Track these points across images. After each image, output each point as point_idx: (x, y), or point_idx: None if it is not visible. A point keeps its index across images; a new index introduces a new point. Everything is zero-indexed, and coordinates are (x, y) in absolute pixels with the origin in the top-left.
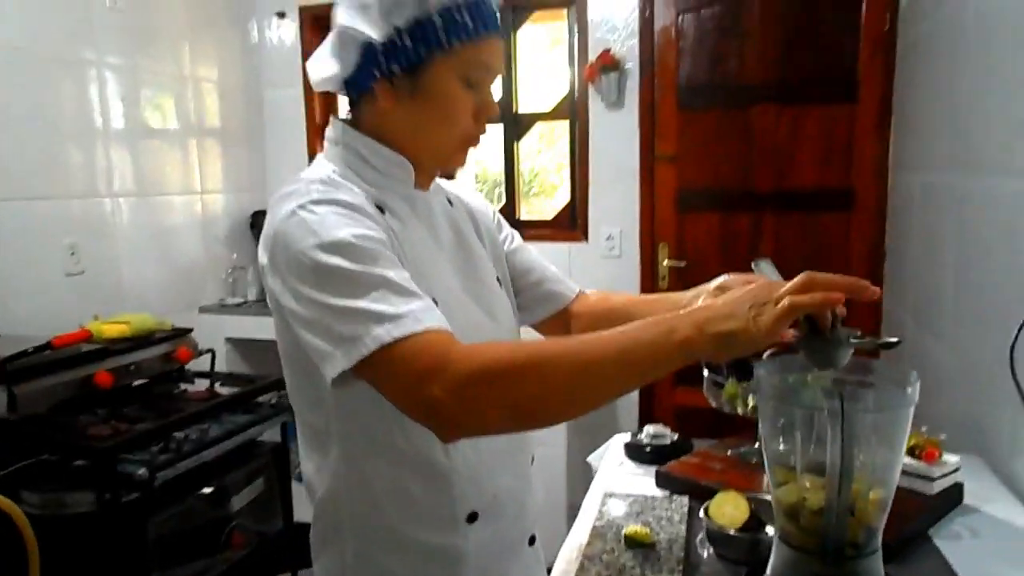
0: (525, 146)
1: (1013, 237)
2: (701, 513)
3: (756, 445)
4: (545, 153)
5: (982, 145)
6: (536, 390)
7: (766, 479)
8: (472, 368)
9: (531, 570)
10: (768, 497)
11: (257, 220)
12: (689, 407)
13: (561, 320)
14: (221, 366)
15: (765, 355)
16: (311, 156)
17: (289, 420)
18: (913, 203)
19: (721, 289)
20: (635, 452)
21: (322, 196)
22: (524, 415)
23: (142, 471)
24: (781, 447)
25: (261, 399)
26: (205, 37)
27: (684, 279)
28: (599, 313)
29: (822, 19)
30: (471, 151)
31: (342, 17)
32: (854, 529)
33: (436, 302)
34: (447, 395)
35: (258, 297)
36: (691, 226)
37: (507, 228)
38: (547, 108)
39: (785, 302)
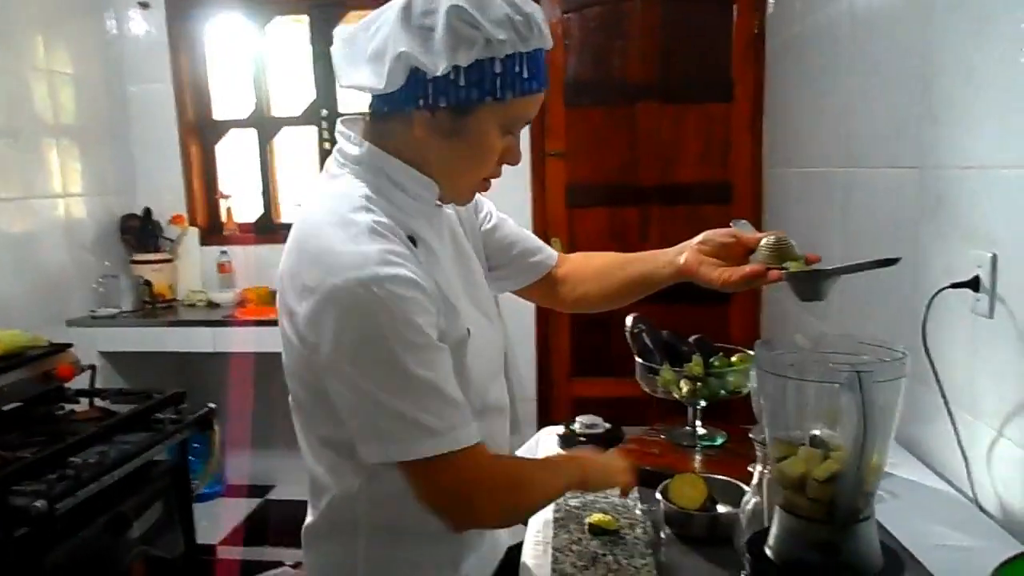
0: None
1: (897, 220)
2: (658, 496)
3: (686, 428)
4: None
5: (865, 140)
6: (522, 515)
7: (698, 459)
8: (490, 511)
9: (503, 537)
10: (722, 478)
11: (127, 224)
12: (586, 397)
13: (546, 286)
14: (97, 383)
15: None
16: (185, 156)
17: (189, 436)
18: (791, 194)
19: (704, 243)
20: (570, 442)
21: (384, 272)
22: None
23: (40, 503)
24: (783, 422)
25: (160, 416)
26: (60, 28)
27: None
28: (584, 275)
29: (698, 22)
30: (488, 186)
31: (399, 38)
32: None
33: (469, 332)
34: (488, 523)
35: (135, 307)
36: (581, 220)
37: (486, 205)
38: None
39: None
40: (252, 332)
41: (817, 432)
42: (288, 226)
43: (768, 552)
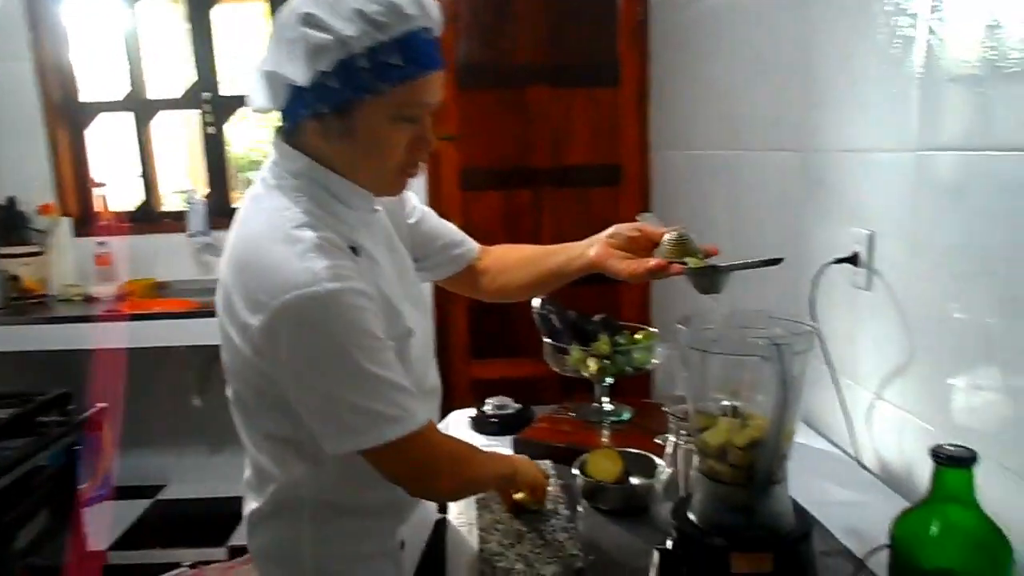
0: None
1: (782, 200)
2: (575, 471)
3: (594, 405)
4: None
5: (750, 124)
6: (469, 490)
7: (605, 433)
8: (447, 482)
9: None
10: (635, 451)
11: None
12: (485, 379)
13: (468, 276)
14: None
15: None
16: (52, 141)
17: (76, 439)
18: (678, 177)
19: (613, 237)
20: (482, 424)
21: (334, 286)
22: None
23: None
24: (704, 395)
25: (44, 419)
26: None
27: None
28: (504, 267)
29: (585, 7)
30: (414, 174)
31: (268, 60)
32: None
33: (411, 331)
34: (447, 483)
35: (1, 304)
36: (475, 204)
37: (409, 200)
38: None
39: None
40: (139, 327)
41: (737, 403)
42: (169, 214)
43: (691, 516)
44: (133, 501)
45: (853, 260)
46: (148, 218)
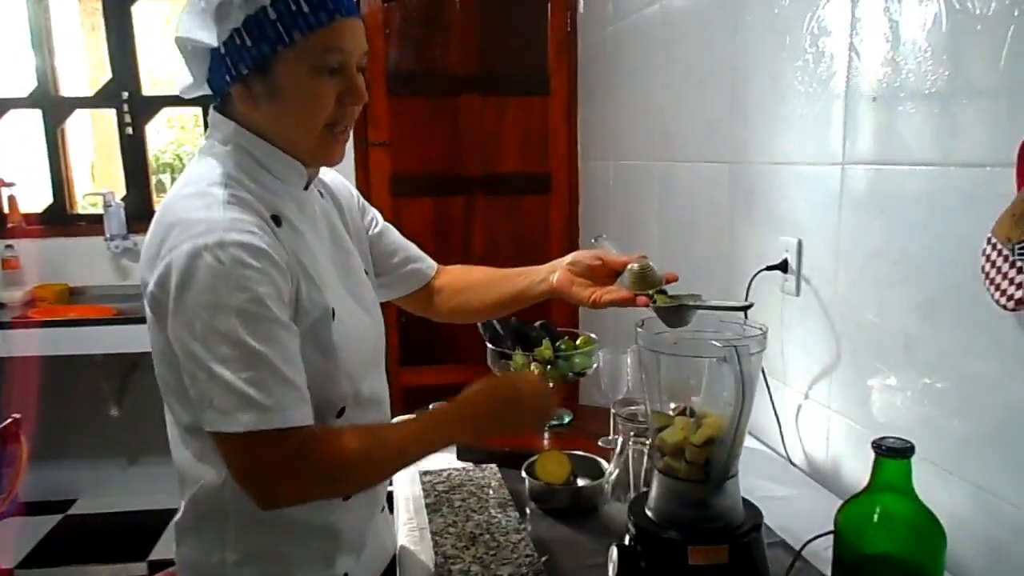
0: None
1: (714, 210)
2: (523, 473)
3: None
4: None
5: (681, 136)
6: (363, 482)
7: (548, 437)
8: (317, 478)
9: (385, 532)
10: (580, 453)
11: None
12: (415, 386)
13: (423, 295)
14: None
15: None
16: None
17: None
18: (608, 186)
19: (574, 264)
20: None
21: (230, 238)
22: (346, 494)
23: None
24: (661, 396)
25: None
26: None
27: None
28: (460, 287)
29: (515, 18)
30: (346, 135)
31: (180, 27)
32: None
33: (333, 312)
34: (294, 496)
35: None
36: (407, 210)
37: (371, 211)
38: None
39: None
40: (49, 334)
41: (692, 404)
42: (84, 217)
43: (648, 512)
44: (42, 517)
45: (783, 267)
46: (60, 220)
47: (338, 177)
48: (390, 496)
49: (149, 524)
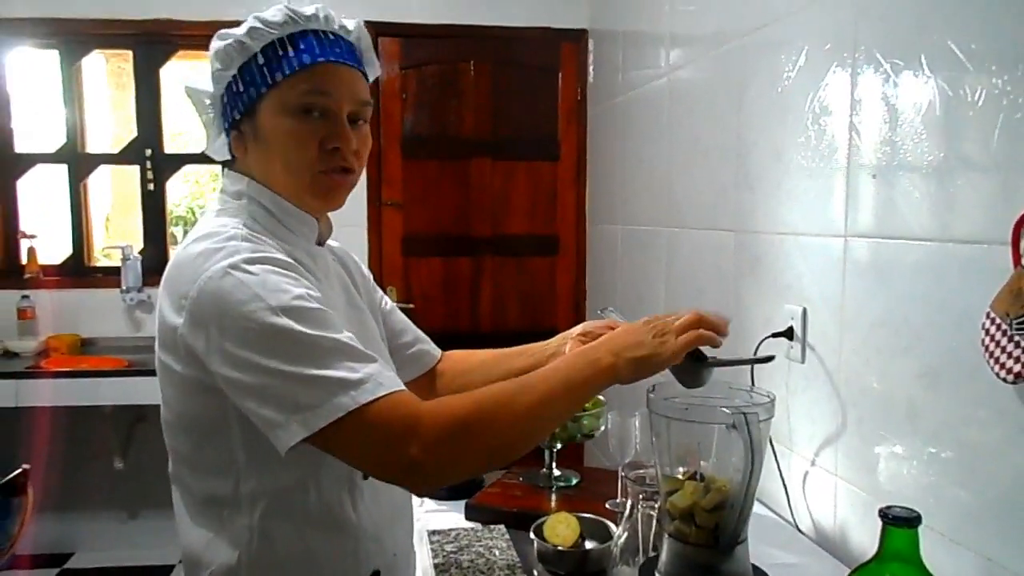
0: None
1: (720, 276)
2: (532, 535)
3: (543, 471)
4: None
5: (688, 203)
6: (505, 432)
7: (555, 499)
8: (445, 425)
9: None
10: (589, 516)
11: None
12: None
13: (426, 380)
14: None
15: None
16: None
17: None
18: (615, 249)
19: (585, 335)
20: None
21: (255, 255)
22: (496, 456)
23: None
24: (671, 460)
25: None
26: None
27: (413, 320)
28: (464, 369)
29: (527, 86)
30: (339, 181)
31: (191, 80)
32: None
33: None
34: (426, 454)
35: None
36: (417, 269)
37: (379, 290)
38: None
39: (691, 335)
40: (62, 384)
41: (701, 468)
42: (100, 269)
43: None
44: (38, 571)
45: (788, 334)
46: (78, 272)
47: (348, 253)
48: None
49: None
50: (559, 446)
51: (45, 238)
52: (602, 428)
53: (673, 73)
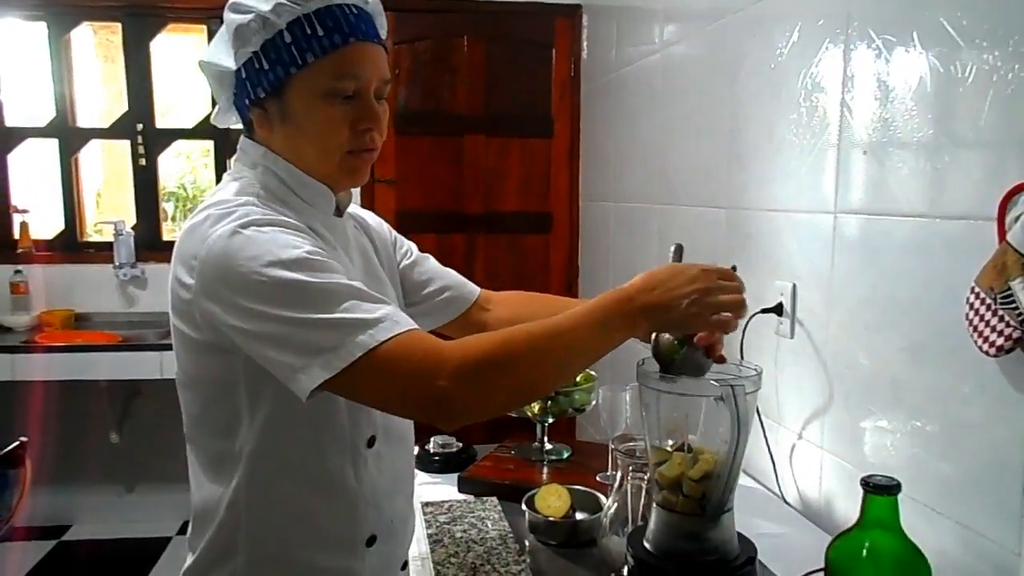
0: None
1: (712, 253)
2: (523, 506)
3: (535, 444)
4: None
5: (681, 181)
6: (535, 367)
7: (547, 472)
8: (474, 356)
9: None
10: (580, 487)
11: None
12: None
13: (469, 319)
14: None
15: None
16: None
17: None
18: (608, 226)
19: None
20: (426, 463)
21: (264, 217)
22: (527, 392)
23: None
24: (660, 432)
25: None
26: None
27: None
28: (518, 301)
29: (520, 63)
30: (367, 159)
31: (206, 52)
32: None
33: None
34: (456, 385)
35: None
36: None
37: (406, 244)
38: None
39: (723, 321)
40: (57, 359)
41: (693, 437)
42: (94, 244)
43: (646, 544)
44: (36, 542)
45: (777, 310)
46: (70, 247)
47: (373, 215)
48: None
49: (145, 552)
50: (551, 420)
51: (37, 213)
52: (593, 402)
53: (666, 49)
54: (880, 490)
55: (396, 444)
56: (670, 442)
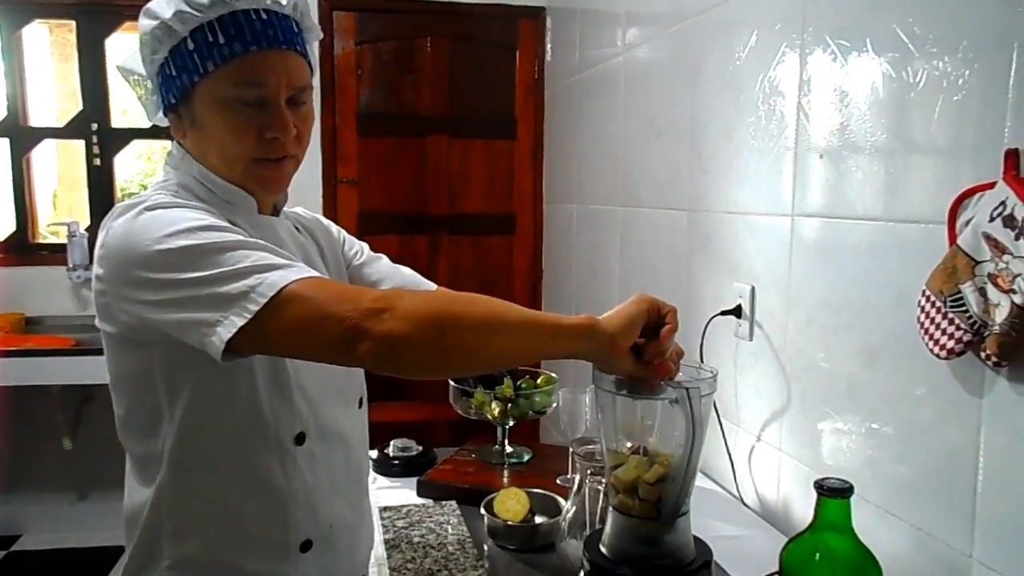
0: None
1: (673, 255)
2: (482, 511)
3: (495, 447)
4: None
5: (642, 183)
6: (470, 328)
7: (507, 475)
8: (405, 296)
9: None
10: (539, 491)
11: None
12: (376, 423)
13: None
14: None
15: None
16: None
17: None
18: (571, 228)
19: None
20: (385, 466)
21: (171, 201)
22: (453, 352)
23: None
24: (616, 435)
25: None
26: None
27: None
28: None
29: (484, 64)
30: (277, 167)
31: (126, 57)
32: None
33: None
34: (406, 325)
35: None
36: (373, 248)
37: (356, 244)
38: None
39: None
40: (7, 364)
41: (647, 443)
42: (46, 246)
43: (602, 549)
44: None
45: (736, 312)
46: (22, 249)
47: (320, 217)
48: None
49: (97, 562)
50: (511, 423)
51: None
52: (554, 405)
53: (629, 52)
54: (833, 493)
55: (333, 444)
56: (627, 445)
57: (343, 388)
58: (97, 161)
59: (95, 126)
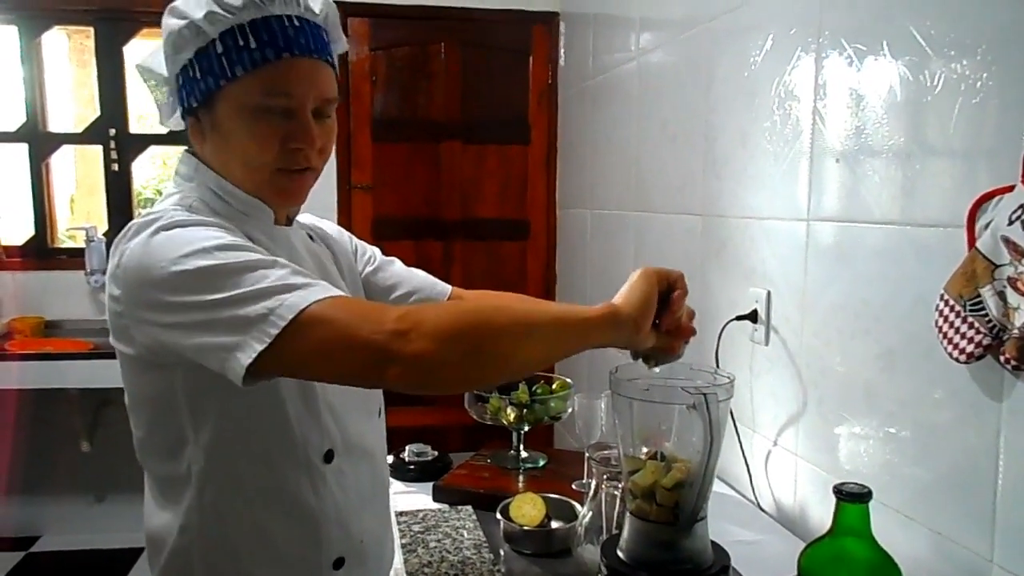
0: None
1: (688, 260)
2: (498, 515)
3: (511, 452)
4: None
5: (656, 188)
6: (499, 334)
7: (522, 479)
8: (429, 311)
9: None
10: (555, 496)
11: None
12: (393, 427)
13: None
14: None
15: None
16: None
17: None
18: (585, 233)
19: None
20: (400, 471)
21: (188, 219)
22: (485, 361)
23: None
24: (633, 440)
25: None
26: None
27: None
28: (491, 297)
29: (497, 69)
30: (299, 178)
31: (146, 59)
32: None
33: None
34: (434, 344)
35: None
36: (386, 253)
37: (369, 250)
38: None
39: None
40: (27, 367)
41: (664, 448)
42: (65, 251)
43: (620, 554)
44: (4, 554)
45: (752, 317)
46: (41, 254)
47: (332, 225)
48: None
49: (115, 563)
50: (526, 428)
51: (7, 219)
52: (569, 410)
53: (643, 57)
54: (852, 498)
55: (360, 459)
56: (644, 450)
57: (365, 399)
58: (115, 166)
59: (113, 132)
